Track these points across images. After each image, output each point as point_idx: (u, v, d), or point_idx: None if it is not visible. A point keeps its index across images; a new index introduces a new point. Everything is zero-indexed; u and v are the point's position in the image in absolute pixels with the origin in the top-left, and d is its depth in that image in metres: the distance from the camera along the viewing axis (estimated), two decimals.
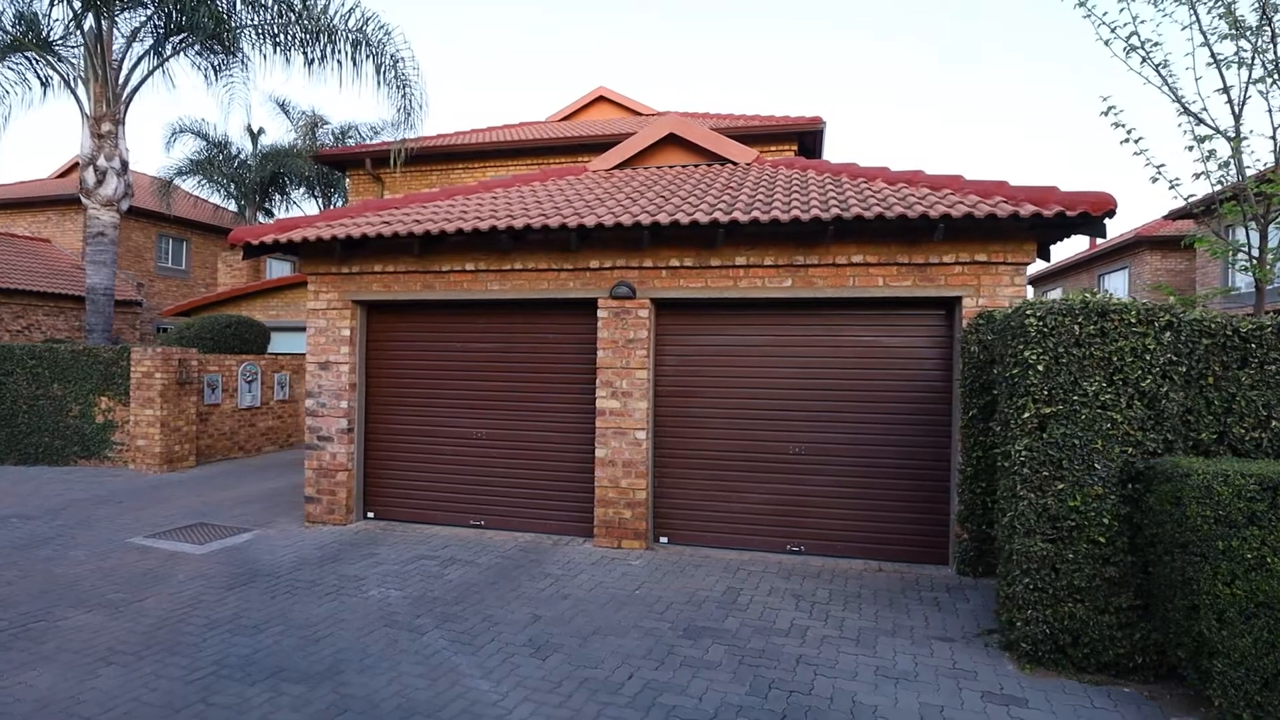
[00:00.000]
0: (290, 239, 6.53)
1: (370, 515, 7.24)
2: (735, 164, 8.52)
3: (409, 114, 12.11)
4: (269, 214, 25.49)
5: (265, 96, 24.46)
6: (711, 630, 4.59)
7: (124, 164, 11.17)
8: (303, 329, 15.02)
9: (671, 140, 8.83)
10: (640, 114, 17.37)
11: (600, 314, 6.42)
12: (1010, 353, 4.27)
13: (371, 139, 25.03)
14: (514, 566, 5.84)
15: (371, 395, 7.26)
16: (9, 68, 12.80)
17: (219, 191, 23.89)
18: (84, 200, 10.98)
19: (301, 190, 26.11)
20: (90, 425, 10.16)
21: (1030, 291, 5.27)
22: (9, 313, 16.78)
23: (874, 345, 6.21)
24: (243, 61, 13.74)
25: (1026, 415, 4.04)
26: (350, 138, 25.25)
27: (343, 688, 3.72)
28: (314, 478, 7.05)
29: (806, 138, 12.84)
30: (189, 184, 23.29)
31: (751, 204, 6.14)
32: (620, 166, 8.89)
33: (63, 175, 25.32)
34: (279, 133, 26.15)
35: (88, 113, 10.95)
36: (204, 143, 22.90)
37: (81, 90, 11.19)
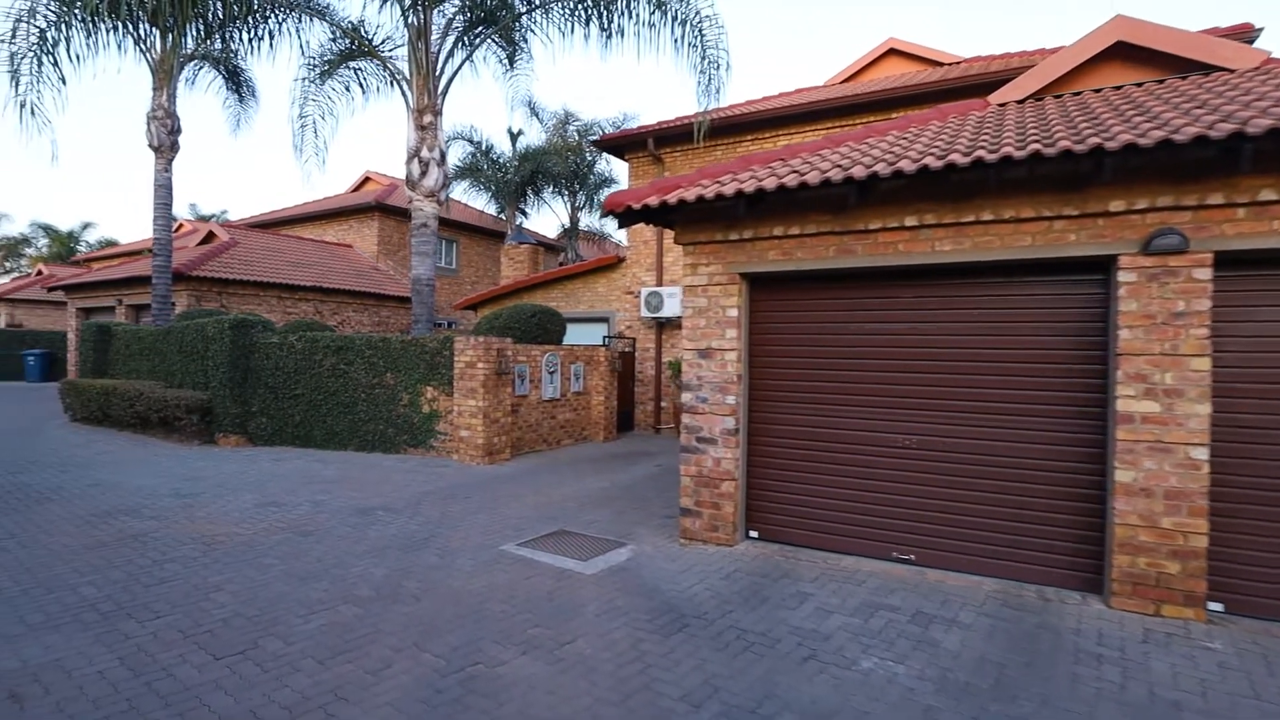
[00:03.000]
0: (681, 199, 5.38)
1: (753, 535, 5.95)
2: (1228, 72, 6.04)
3: (711, 80, 10.92)
4: (524, 214, 26.51)
5: (520, 100, 25.27)
6: None
7: (443, 155, 11.28)
8: (583, 320, 14.67)
9: (1116, 52, 6.56)
10: (941, 63, 14.84)
11: (1122, 277, 4.46)
12: None
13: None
14: (1022, 635, 4.11)
15: (753, 389, 5.96)
16: (337, 79, 13.77)
17: (483, 193, 25.24)
18: (408, 192, 11.24)
19: (550, 189, 26.88)
20: (418, 414, 10.21)
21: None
22: (328, 309, 18.58)
23: None
24: (530, 51, 13.60)
25: None
26: (592, 133, 25.43)
27: None
28: (692, 487, 5.90)
29: None
30: (459, 189, 24.82)
31: None
32: (1037, 96, 6.80)
33: (356, 189, 28.39)
34: (531, 135, 27.09)
35: (411, 106, 11.18)
36: (471, 147, 24.27)
37: (404, 85, 11.46)
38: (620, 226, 5.94)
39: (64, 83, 8.83)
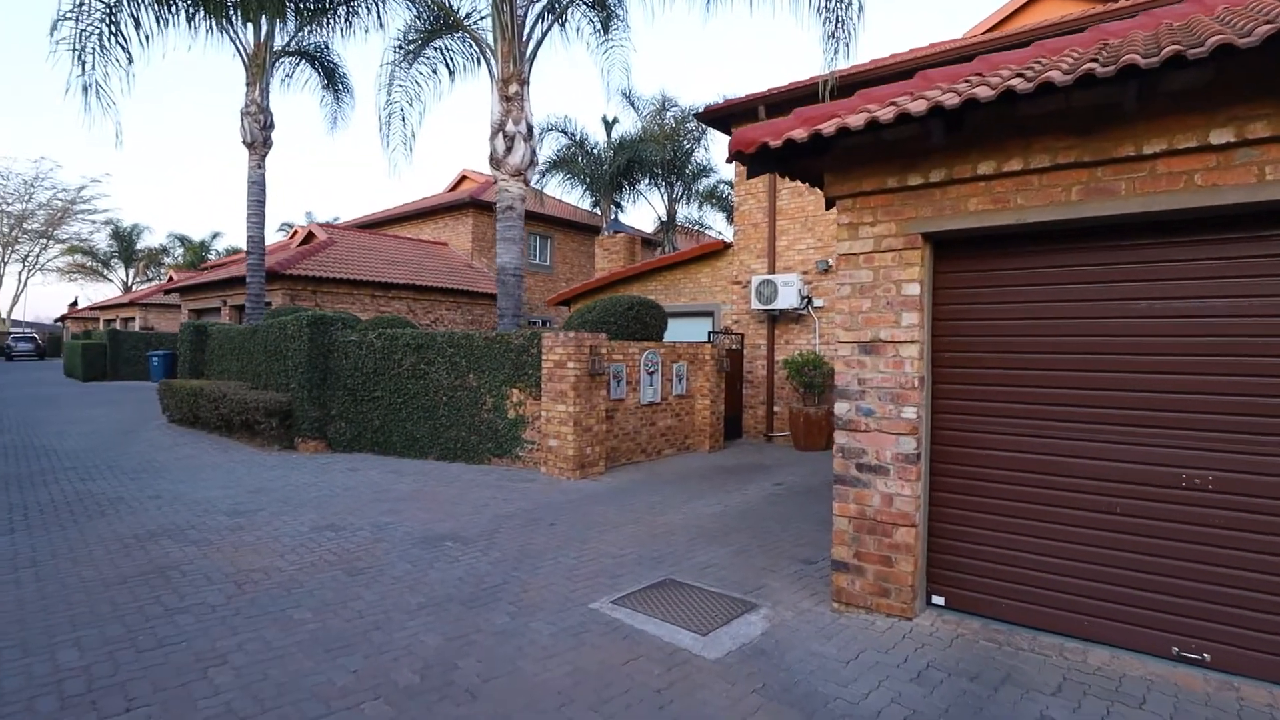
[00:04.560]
0: (843, 127, 3.77)
1: (936, 601, 4.25)
2: None
3: (840, 26, 9.16)
4: (619, 206, 25.38)
5: (615, 78, 24.22)
6: None
7: (530, 129, 10.12)
8: (684, 314, 13.17)
9: None
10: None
11: None
12: None
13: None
14: None
15: (939, 396, 4.27)
16: (423, 62, 12.98)
17: (577, 187, 24.30)
18: (492, 171, 10.18)
19: (646, 181, 25.61)
20: (502, 420, 9.07)
21: None
22: (421, 307, 18.07)
23: None
24: (625, 17, 12.29)
25: None
26: (689, 122, 23.92)
27: None
28: (850, 532, 4.27)
29: None
30: (553, 182, 24.01)
31: None
32: None
33: (453, 188, 28.25)
34: (626, 124, 26.03)
35: (495, 75, 10.10)
36: (566, 139, 23.36)
37: (489, 54, 10.39)
38: (750, 174, 4.40)
39: (130, 61, 8.36)
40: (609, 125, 24.29)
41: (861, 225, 4.25)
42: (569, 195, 25.45)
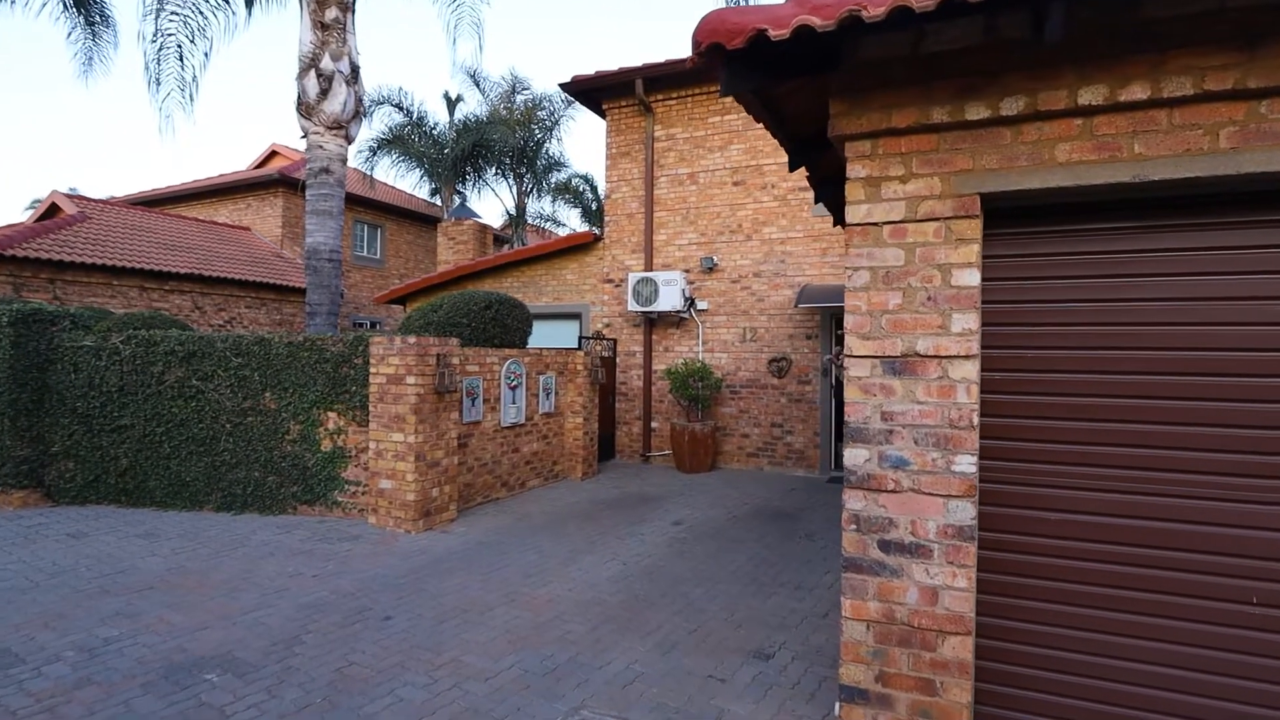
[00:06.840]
0: (901, 6, 2.30)
1: None
2: None
3: None
4: (462, 195, 22.93)
5: (462, 61, 21.90)
6: None
7: (354, 69, 7.83)
8: (548, 316, 11.42)
9: None
10: None
11: None
12: None
13: (565, 109, 21.73)
14: None
15: (984, 436, 2.94)
16: None
17: (414, 171, 21.53)
18: (302, 121, 7.75)
19: (494, 170, 23.39)
20: (314, 455, 6.78)
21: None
22: (211, 304, 14.65)
23: None
24: None
25: None
26: (541, 109, 22.16)
27: None
28: (870, 645, 2.82)
29: None
30: (384, 163, 21.09)
31: None
32: None
33: (260, 165, 24.15)
34: (472, 106, 23.60)
35: None
36: (401, 115, 20.55)
37: None
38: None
39: None
40: (452, 103, 21.89)
41: (887, 181, 2.82)
42: (403, 181, 22.61)
